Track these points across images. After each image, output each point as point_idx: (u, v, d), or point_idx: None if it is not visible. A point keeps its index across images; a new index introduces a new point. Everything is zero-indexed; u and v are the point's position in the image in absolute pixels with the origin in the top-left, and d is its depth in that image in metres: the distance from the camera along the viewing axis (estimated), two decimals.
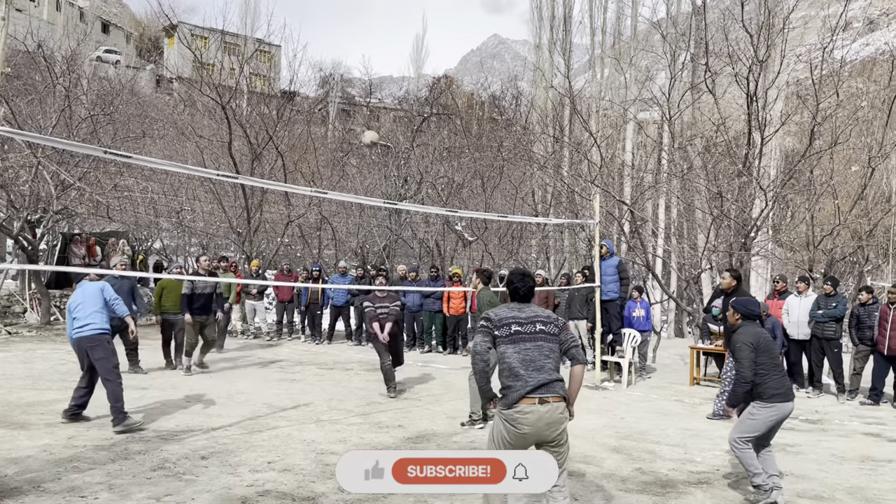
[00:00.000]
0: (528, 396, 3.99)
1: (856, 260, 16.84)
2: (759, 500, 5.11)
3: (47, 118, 15.91)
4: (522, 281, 4.36)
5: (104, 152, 5.62)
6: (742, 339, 5.23)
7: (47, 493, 4.86)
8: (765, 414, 5.18)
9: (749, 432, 5.22)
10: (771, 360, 5.22)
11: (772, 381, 5.16)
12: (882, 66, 23.30)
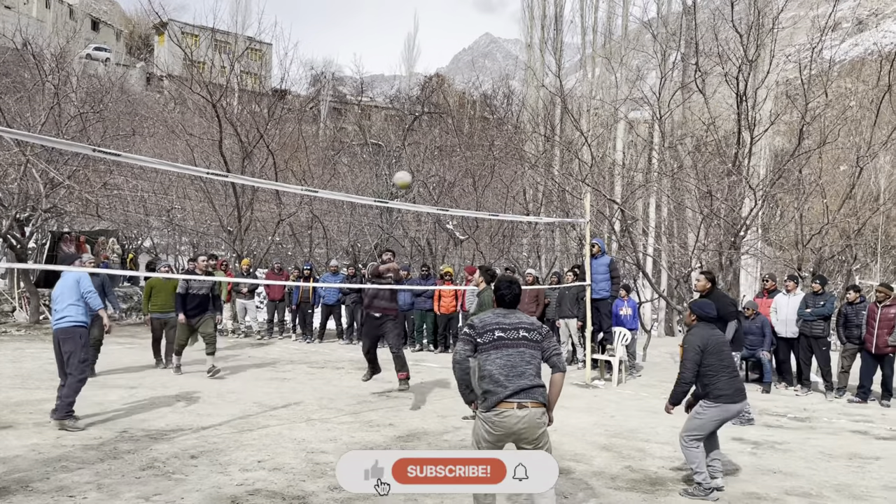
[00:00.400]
0: (507, 400, 4.05)
1: (844, 259, 16.94)
2: (696, 495, 5.27)
3: (36, 116, 15.81)
4: (509, 288, 4.40)
5: (93, 150, 5.59)
6: (691, 341, 5.47)
7: (36, 492, 4.84)
8: (710, 413, 5.37)
9: (696, 430, 5.41)
10: (719, 361, 5.37)
11: (720, 382, 5.33)
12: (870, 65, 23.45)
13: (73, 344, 6.68)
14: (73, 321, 6.73)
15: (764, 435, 7.46)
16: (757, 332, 10.50)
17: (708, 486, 5.26)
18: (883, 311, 9.48)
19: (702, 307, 5.68)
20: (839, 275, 17.41)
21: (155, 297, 10.74)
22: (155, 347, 10.81)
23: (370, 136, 28.20)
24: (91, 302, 6.97)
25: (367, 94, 47.20)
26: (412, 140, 25.13)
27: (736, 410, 5.41)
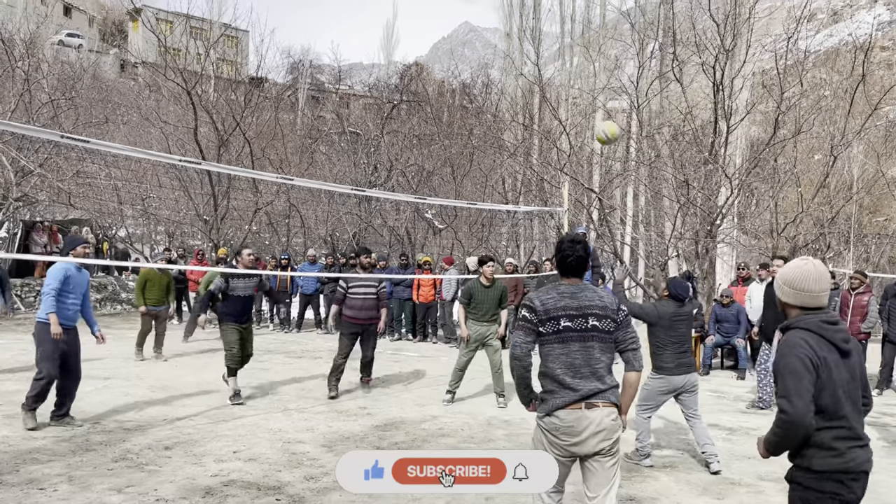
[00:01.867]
0: (575, 403, 3.36)
1: (818, 247, 17.17)
2: (632, 459, 5.73)
3: (6, 103, 15.54)
4: (571, 248, 3.52)
5: (61, 136, 5.48)
6: (649, 310, 5.90)
7: (5, 485, 4.75)
8: (654, 384, 5.78)
9: (642, 401, 5.77)
10: (668, 336, 5.72)
11: (665, 355, 5.71)
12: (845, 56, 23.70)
13: (34, 340, 6.31)
14: (37, 317, 6.35)
15: (739, 421, 7.54)
16: (732, 320, 10.60)
17: (643, 453, 5.74)
18: (856, 298, 9.61)
19: (676, 286, 5.96)
20: None
21: (150, 290, 10.43)
22: (140, 339, 10.44)
23: (348, 124, 27.99)
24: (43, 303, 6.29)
25: (345, 82, 46.86)
26: (391, 129, 24.99)
27: (678, 383, 5.71)
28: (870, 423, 7.62)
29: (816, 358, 2.73)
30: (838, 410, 2.76)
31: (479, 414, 7.43)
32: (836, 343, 2.80)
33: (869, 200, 23.01)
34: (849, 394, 2.78)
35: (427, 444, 6.22)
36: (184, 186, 19.21)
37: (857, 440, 2.80)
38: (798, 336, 2.81)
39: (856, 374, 2.84)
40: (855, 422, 2.81)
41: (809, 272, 2.92)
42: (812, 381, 2.70)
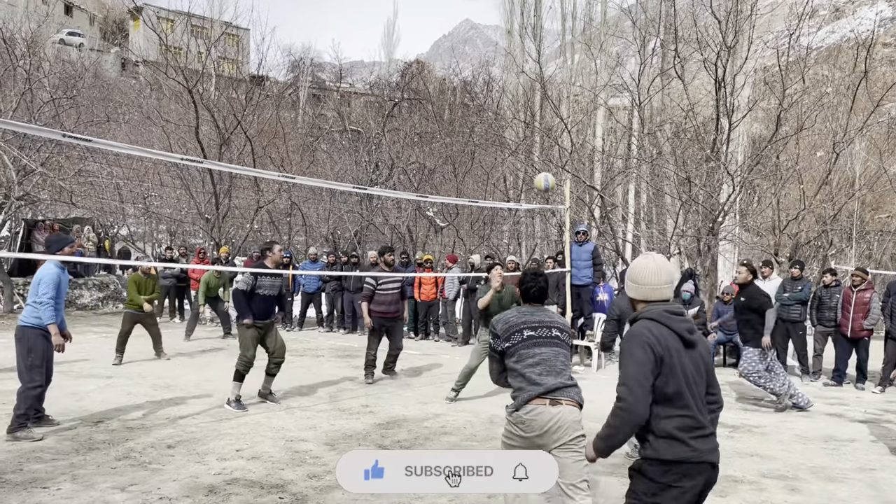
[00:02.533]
0: (540, 397, 3.66)
1: (820, 244, 17.14)
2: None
3: (7, 102, 15.53)
4: (534, 280, 4.07)
5: (63, 136, 5.47)
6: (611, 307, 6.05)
7: (8, 484, 4.76)
8: None
9: None
10: None
11: None
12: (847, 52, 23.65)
13: (21, 346, 5.94)
14: (23, 321, 5.98)
15: (741, 418, 7.53)
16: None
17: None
18: (858, 295, 9.60)
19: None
20: (815, 260, 17.62)
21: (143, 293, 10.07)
22: (122, 340, 9.91)
23: (349, 122, 27.97)
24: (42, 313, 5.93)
25: (346, 80, 46.85)
26: (392, 127, 24.97)
27: None
28: (872, 421, 7.64)
29: (659, 346, 2.80)
30: (682, 399, 2.80)
31: (481, 412, 7.43)
32: (679, 333, 2.87)
33: (871, 197, 22.93)
34: (694, 384, 2.84)
35: (429, 442, 6.22)
36: (185, 185, 19.22)
37: (700, 429, 2.82)
38: (642, 325, 2.89)
39: (700, 366, 2.90)
40: (699, 412, 2.84)
41: (647, 266, 3.04)
42: (652, 369, 2.77)
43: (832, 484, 5.37)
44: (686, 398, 2.81)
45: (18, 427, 5.83)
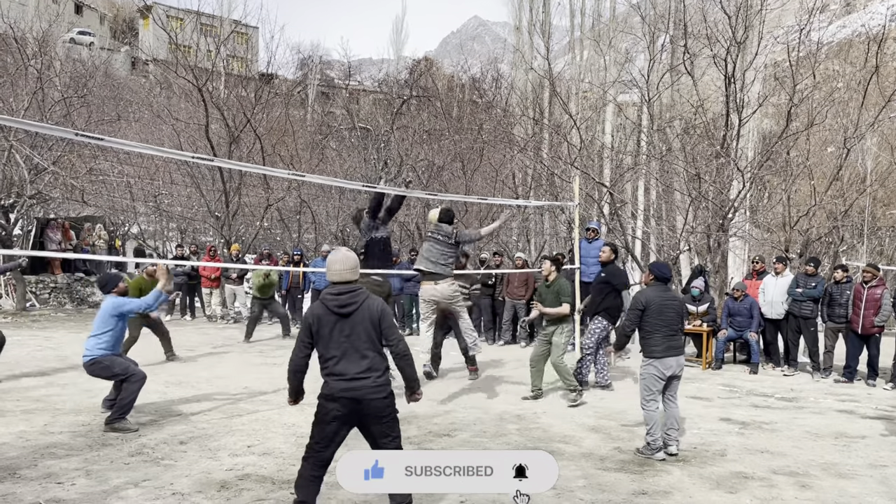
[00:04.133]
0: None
1: (831, 240, 17.05)
2: (644, 453, 5.76)
3: (19, 101, 15.64)
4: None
5: (76, 134, 5.52)
6: (637, 298, 6.02)
7: (23, 479, 4.81)
8: (648, 370, 5.87)
9: (643, 391, 5.90)
10: (659, 319, 5.81)
11: (654, 339, 5.83)
12: (858, 47, 23.48)
13: (104, 371, 6.43)
14: (89, 356, 6.40)
15: (751, 415, 7.52)
16: (745, 314, 10.57)
17: (655, 447, 5.76)
18: (869, 291, 9.55)
19: (658, 267, 6.17)
20: (826, 256, 17.52)
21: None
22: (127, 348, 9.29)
23: (358, 120, 28.01)
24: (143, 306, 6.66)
25: (354, 77, 46.86)
26: (401, 124, 24.97)
27: (670, 365, 5.84)
28: (883, 417, 7.61)
29: (312, 316, 4.23)
30: (326, 354, 4.18)
31: (491, 408, 7.45)
32: (330, 307, 4.17)
33: (883, 193, 22.77)
34: (340, 344, 4.14)
35: (439, 439, 6.25)
36: (195, 183, 19.30)
37: (339, 376, 4.15)
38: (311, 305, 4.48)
39: (354, 329, 4.15)
40: (344, 364, 4.13)
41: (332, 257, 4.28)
42: (308, 334, 4.27)
43: (843, 480, 5.36)
44: (329, 353, 4.19)
45: (119, 418, 6.25)
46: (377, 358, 4.19)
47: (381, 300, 4.33)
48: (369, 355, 4.15)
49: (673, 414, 5.98)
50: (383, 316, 4.21)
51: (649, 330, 5.83)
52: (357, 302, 4.17)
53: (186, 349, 10.86)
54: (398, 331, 4.26)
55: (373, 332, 4.16)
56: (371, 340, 4.16)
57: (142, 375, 6.51)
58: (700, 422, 7.12)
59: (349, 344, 4.13)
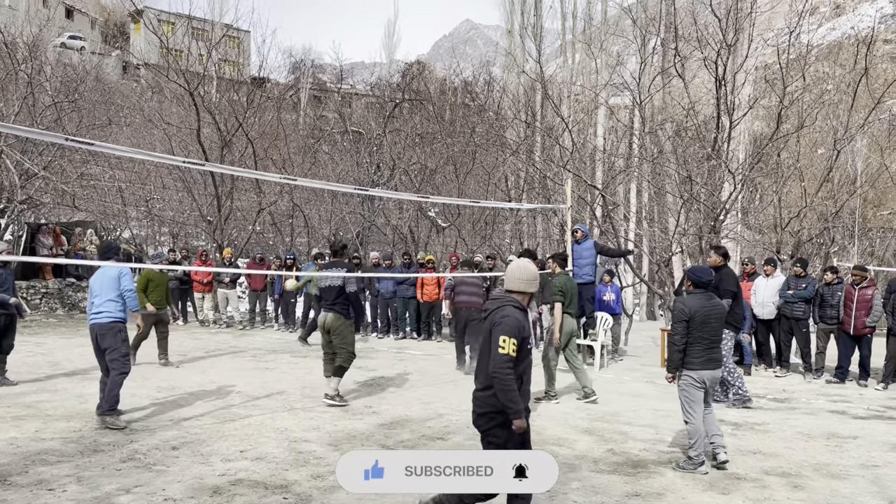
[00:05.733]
0: None
1: (822, 241, 17.14)
2: (685, 468, 5.49)
3: (9, 106, 15.58)
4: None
5: (66, 139, 5.49)
6: (680, 307, 5.59)
7: (14, 486, 4.78)
8: (687, 382, 5.57)
9: (684, 404, 5.59)
10: (701, 332, 5.48)
11: (694, 350, 5.51)
12: (848, 49, 23.62)
13: (113, 340, 6.56)
14: (111, 317, 6.59)
15: (744, 416, 7.54)
16: None
17: (698, 461, 5.42)
18: (860, 292, 9.60)
19: (696, 272, 5.73)
20: (817, 257, 17.61)
21: (152, 291, 9.79)
22: (137, 344, 9.49)
23: (351, 123, 27.98)
24: (129, 302, 6.77)
25: (347, 81, 46.81)
26: (393, 127, 24.99)
27: (708, 377, 5.53)
28: (875, 418, 7.65)
29: None
30: None
31: None
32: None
33: (873, 194, 22.95)
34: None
35: (433, 442, 6.24)
36: (187, 187, 19.27)
37: None
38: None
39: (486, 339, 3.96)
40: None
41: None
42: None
43: (835, 481, 5.38)
44: None
45: (109, 411, 6.40)
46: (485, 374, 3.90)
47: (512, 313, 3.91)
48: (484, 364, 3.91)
49: (712, 420, 5.68)
50: (492, 330, 3.87)
51: (690, 342, 5.50)
52: (489, 309, 4.01)
53: (179, 354, 10.82)
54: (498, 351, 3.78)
55: (486, 345, 3.93)
56: (486, 353, 3.92)
57: (129, 369, 6.64)
58: None
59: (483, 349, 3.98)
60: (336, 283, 7.69)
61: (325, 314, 7.77)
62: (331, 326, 7.68)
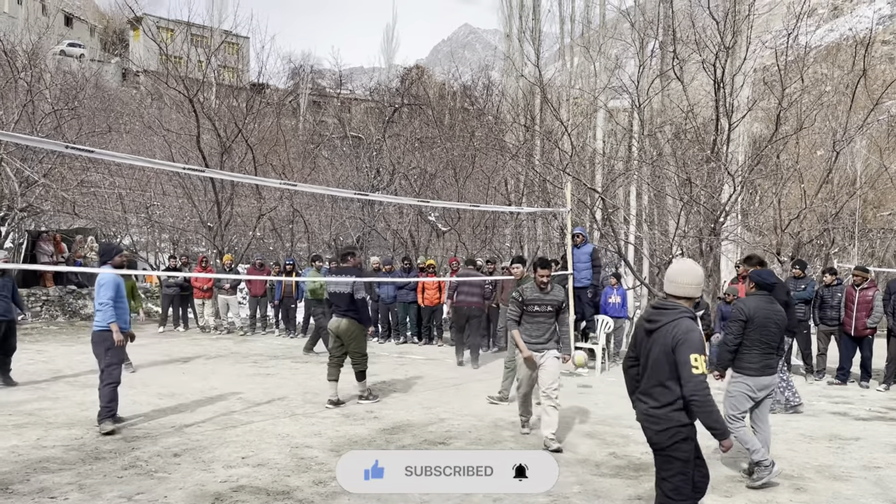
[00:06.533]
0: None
1: (822, 243, 17.14)
2: (763, 477, 5.16)
3: (9, 113, 15.60)
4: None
5: (66, 147, 5.51)
6: (739, 307, 5.41)
7: (16, 494, 4.78)
8: (738, 387, 5.38)
9: (731, 409, 5.38)
10: (760, 336, 5.28)
11: (750, 354, 5.31)
12: (846, 51, 23.67)
13: (97, 349, 6.58)
14: (98, 325, 6.60)
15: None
16: None
17: (767, 463, 5.16)
18: (861, 293, 9.60)
19: (760, 275, 5.54)
20: (817, 259, 17.62)
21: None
22: None
23: (350, 128, 28.04)
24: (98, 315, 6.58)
25: (346, 86, 46.86)
26: (392, 132, 25.04)
27: (763, 384, 5.34)
28: (877, 419, 7.64)
29: (637, 325, 4.00)
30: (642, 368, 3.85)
31: (485, 416, 7.44)
32: (644, 318, 3.90)
33: (873, 195, 22.98)
34: (646, 360, 3.78)
35: (435, 447, 6.23)
36: (187, 194, 19.28)
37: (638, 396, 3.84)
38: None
39: (653, 349, 3.74)
40: (643, 383, 3.81)
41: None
42: (633, 342, 4.02)
43: (837, 482, 5.37)
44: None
45: (108, 416, 6.43)
46: (665, 390, 3.64)
47: (693, 326, 3.62)
48: (661, 380, 3.66)
49: (765, 439, 5.44)
50: (677, 349, 3.56)
51: (747, 345, 5.31)
52: (661, 321, 3.70)
53: (180, 360, 10.82)
54: (692, 371, 3.51)
55: (664, 360, 3.62)
56: (662, 368, 3.64)
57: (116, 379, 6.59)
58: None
59: (648, 363, 3.74)
60: (346, 289, 7.75)
61: (339, 320, 7.85)
62: (345, 332, 7.79)
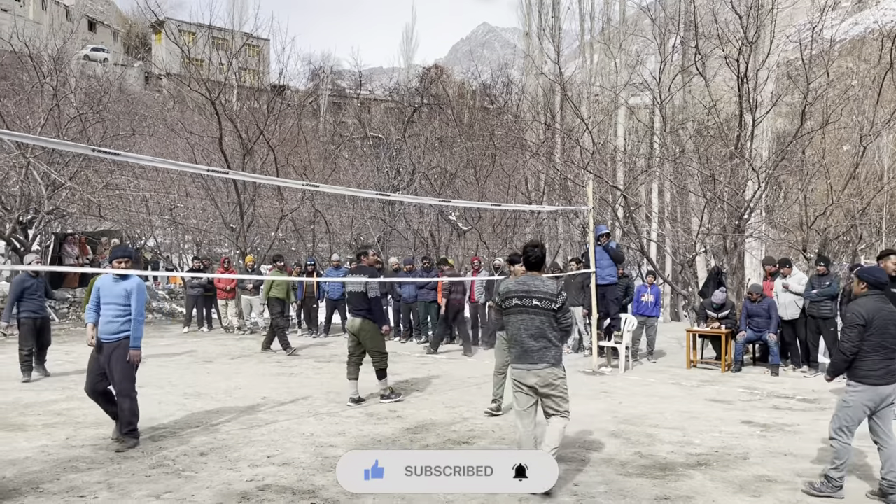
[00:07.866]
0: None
1: (849, 239, 16.89)
2: (822, 491, 4.93)
3: (36, 118, 15.83)
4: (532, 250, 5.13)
5: (93, 150, 5.57)
6: (856, 310, 4.96)
7: (46, 493, 4.84)
8: (858, 397, 4.94)
9: (845, 420, 4.98)
10: (881, 340, 4.86)
11: (871, 360, 4.88)
12: (871, 44, 23.29)
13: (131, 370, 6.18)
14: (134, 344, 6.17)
15: (773, 417, 7.44)
16: (763, 315, 10.49)
17: (838, 485, 4.89)
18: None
19: (872, 273, 5.14)
20: (844, 255, 17.37)
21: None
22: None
23: (370, 129, 28.12)
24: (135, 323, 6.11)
25: (366, 87, 47.03)
26: (412, 132, 25.04)
27: (886, 393, 4.90)
28: None
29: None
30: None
31: (509, 415, 7.40)
32: None
33: None
34: None
35: (458, 446, 6.23)
36: (210, 195, 19.45)
37: None
38: None
39: None
40: None
41: None
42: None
43: (867, 483, 5.29)
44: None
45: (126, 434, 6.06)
46: None
47: None
48: None
49: (890, 455, 4.90)
50: None
51: (867, 350, 4.86)
52: None
53: (204, 360, 10.91)
54: None
55: None
56: None
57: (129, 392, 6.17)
58: (721, 425, 7.06)
59: None
60: (360, 288, 7.90)
61: (354, 319, 7.97)
62: (360, 331, 7.87)
